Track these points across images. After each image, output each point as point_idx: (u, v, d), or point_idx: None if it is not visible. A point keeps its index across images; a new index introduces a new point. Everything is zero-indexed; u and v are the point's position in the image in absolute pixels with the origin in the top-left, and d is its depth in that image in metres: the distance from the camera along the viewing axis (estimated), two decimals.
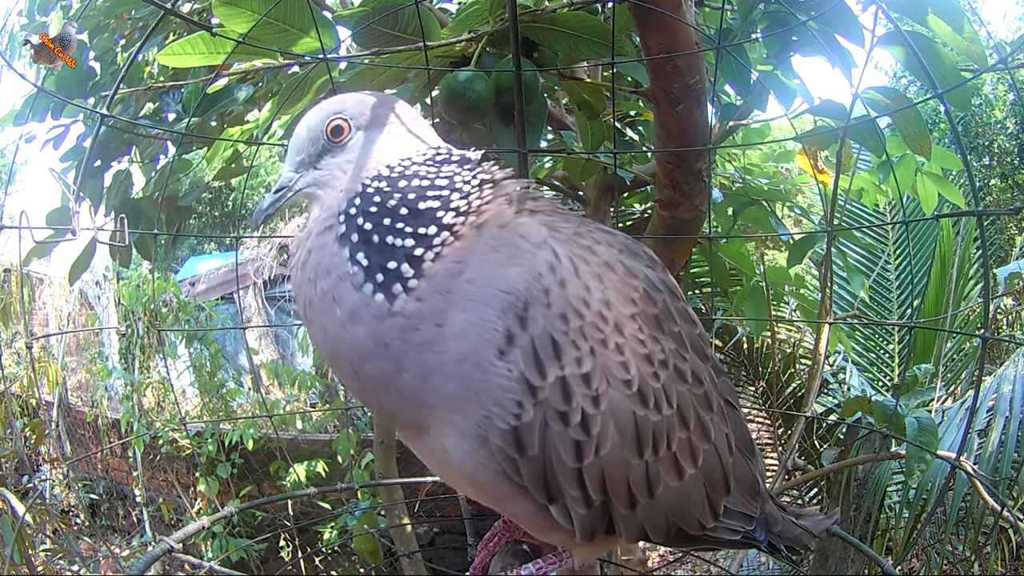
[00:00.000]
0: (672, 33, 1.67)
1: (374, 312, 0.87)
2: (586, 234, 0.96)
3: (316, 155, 0.99)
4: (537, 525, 0.97)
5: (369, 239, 0.90)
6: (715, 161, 2.63)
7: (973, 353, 4.10)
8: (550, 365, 0.85)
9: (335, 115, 0.98)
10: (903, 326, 4.17)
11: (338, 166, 0.98)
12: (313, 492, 2.05)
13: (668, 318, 0.98)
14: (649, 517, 0.95)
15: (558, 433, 0.86)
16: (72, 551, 5.41)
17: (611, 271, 0.93)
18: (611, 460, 0.89)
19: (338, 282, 0.89)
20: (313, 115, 1.00)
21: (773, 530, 1.13)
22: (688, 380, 0.97)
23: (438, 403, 0.88)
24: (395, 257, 0.88)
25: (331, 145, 0.98)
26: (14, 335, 6.24)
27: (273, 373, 6.22)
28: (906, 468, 2.13)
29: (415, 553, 3.34)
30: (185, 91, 2.06)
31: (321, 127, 0.98)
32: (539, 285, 0.86)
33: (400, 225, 0.90)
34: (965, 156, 1.31)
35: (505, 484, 0.91)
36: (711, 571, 5.10)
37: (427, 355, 0.86)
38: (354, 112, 0.99)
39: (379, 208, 0.91)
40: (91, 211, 2.42)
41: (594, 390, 0.87)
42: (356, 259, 0.89)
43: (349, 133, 0.98)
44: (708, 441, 0.99)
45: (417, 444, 0.99)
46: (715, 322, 2.94)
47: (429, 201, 0.92)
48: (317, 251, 0.92)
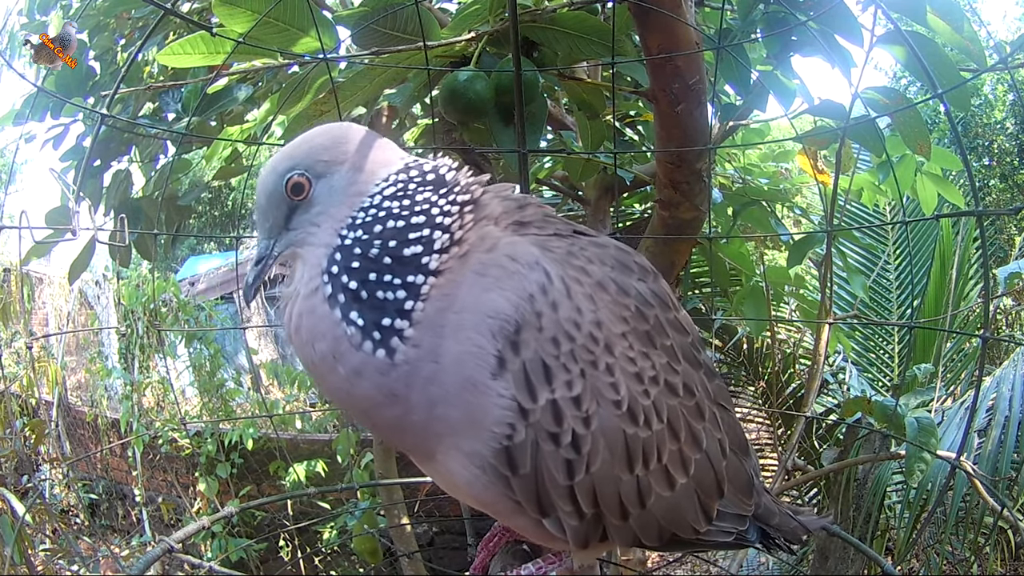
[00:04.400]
0: (672, 33, 1.67)
1: (377, 368, 0.86)
2: (579, 253, 0.95)
3: (285, 217, 0.95)
4: (537, 536, 0.99)
5: (358, 296, 0.88)
6: (715, 161, 2.63)
7: (973, 353, 4.10)
8: (541, 389, 0.86)
9: (290, 173, 0.94)
10: (903, 326, 4.18)
11: (310, 221, 0.94)
12: (313, 492, 2.05)
13: (660, 332, 0.98)
14: (642, 526, 0.96)
15: (549, 453, 0.87)
16: (72, 551, 5.41)
17: (603, 291, 0.93)
18: (602, 476, 0.90)
19: (335, 343, 0.88)
20: (268, 178, 0.95)
21: (771, 523, 1.14)
22: (679, 393, 0.98)
23: (444, 431, 0.89)
24: (387, 313, 0.87)
25: (296, 203, 0.94)
26: (14, 335, 6.24)
27: (273, 373, 6.22)
28: (906, 468, 2.13)
29: (415, 553, 3.35)
30: (185, 91, 2.06)
31: (280, 190, 0.94)
32: (531, 308, 0.86)
33: (388, 277, 0.88)
34: (965, 156, 1.31)
35: (506, 502, 0.92)
36: (711, 571, 5.10)
37: (431, 390, 0.86)
38: (307, 163, 0.94)
39: (361, 262, 0.89)
40: (91, 211, 2.42)
41: (584, 411, 0.88)
42: (350, 319, 0.87)
43: (310, 187, 0.94)
44: (700, 450, 1.00)
45: (427, 467, 1.00)
46: (715, 322, 2.94)
47: (412, 246, 0.89)
48: (308, 315, 0.90)
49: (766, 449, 4.82)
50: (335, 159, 0.95)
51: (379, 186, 0.93)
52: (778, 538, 1.16)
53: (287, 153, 0.97)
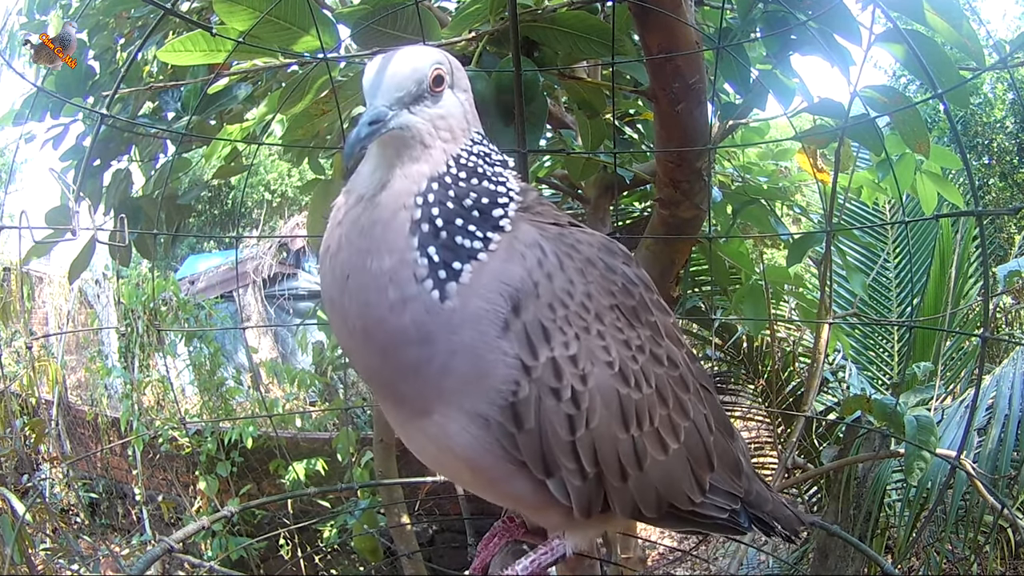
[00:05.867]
0: (672, 32, 1.67)
1: (426, 306, 0.89)
2: (569, 235, 1.02)
3: (414, 98, 0.94)
4: (535, 504, 1.03)
5: (438, 234, 0.91)
6: (715, 160, 2.63)
7: (973, 352, 4.10)
8: (541, 347, 0.93)
9: (438, 64, 0.95)
10: (902, 325, 4.18)
11: (431, 119, 0.95)
12: (313, 491, 2.05)
13: (644, 309, 1.06)
14: (640, 490, 1.01)
15: (551, 408, 0.93)
16: (72, 550, 5.41)
17: (592, 266, 1.01)
18: (601, 433, 0.96)
19: (400, 266, 0.89)
20: (418, 56, 0.95)
21: (764, 509, 1.19)
22: (664, 363, 1.05)
23: (451, 385, 0.92)
24: (459, 257, 0.91)
25: (429, 93, 0.95)
26: (14, 334, 6.23)
27: (272, 371, 6.23)
28: (906, 466, 2.13)
29: (415, 552, 3.35)
30: (184, 90, 2.06)
31: (427, 71, 0.94)
32: (530, 279, 0.93)
33: (472, 228, 0.93)
34: (964, 155, 1.31)
35: (504, 465, 0.96)
36: (711, 571, 5.10)
37: (453, 339, 0.90)
38: (449, 67, 0.97)
39: (455, 205, 0.93)
40: (91, 210, 2.42)
41: (581, 369, 0.95)
42: (427, 251, 0.90)
43: (443, 87, 0.96)
44: (687, 418, 1.07)
45: (414, 431, 1.00)
46: (715, 321, 2.94)
47: (497, 208, 0.96)
48: (385, 225, 0.90)
49: (766, 447, 4.82)
50: (462, 82, 1.01)
51: (478, 138, 1.00)
52: (775, 526, 1.20)
53: (434, 48, 1.00)
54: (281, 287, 12.07)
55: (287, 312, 11.73)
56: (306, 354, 8.32)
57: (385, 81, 0.93)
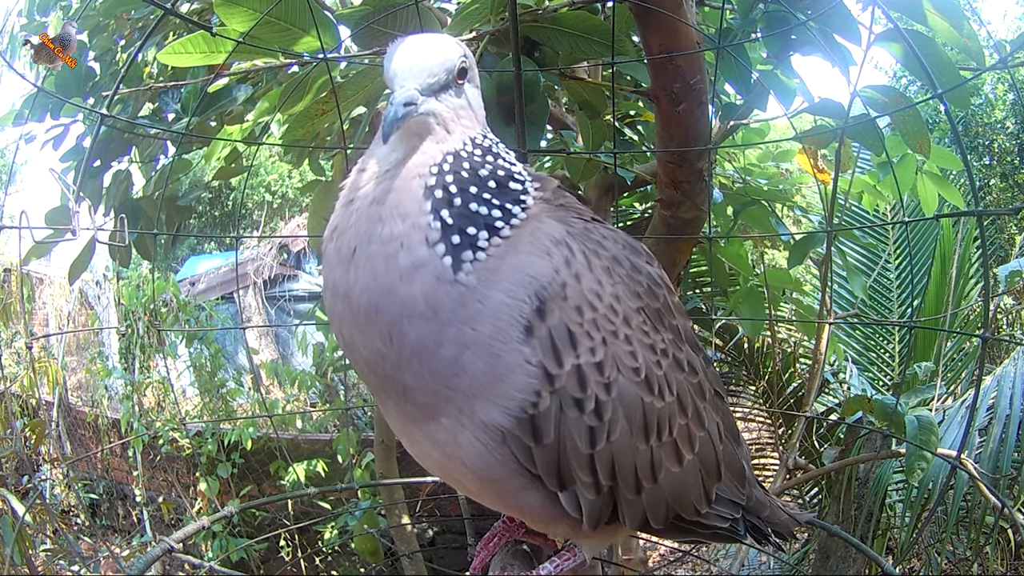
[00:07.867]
0: (673, 33, 1.67)
1: (436, 273, 0.85)
2: (595, 231, 0.99)
3: (442, 86, 0.94)
4: (543, 517, 0.99)
5: (452, 201, 0.89)
6: (715, 161, 2.63)
7: (973, 352, 4.09)
8: (567, 354, 0.88)
9: (464, 57, 0.96)
10: (903, 325, 4.17)
11: (454, 108, 0.95)
12: (313, 492, 2.05)
13: (668, 312, 1.03)
14: (652, 503, 0.98)
15: (573, 420, 0.89)
16: (72, 551, 5.41)
17: (619, 266, 0.98)
18: (621, 446, 0.92)
19: (412, 230, 0.87)
20: (449, 47, 0.95)
21: (761, 515, 1.17)
22: (685, 369, 1.02)
23: (463, 386, 0.87)
24: (475, 223, 0.88)
25: (454, 84, 0.95)
26: (14, 335, 6.23)
27: (273, 373, 6.22)
28: (907, 467, 2.13)
29: (415, 553, 3.35)
30: (184, 91, 2.06)
31: (456, 62, 0.94)
32: (557, 279, 0.89)
33: (487, 196, 0.91)
34: (965, 156, 1.31)
35: (516, 478, 0.92)
36: (711, 571, 5.10)
37: (466, 330, 0.86)
38: (470, 62, 0.98)
39: (469, 175, 0.92)
40: (91, 211, 2.42)
41: (606, 377, 0.91)
42: (439, 214, 0.87)
43: (465, 80, 0.97)
44: (703, 428, 1.04)
45: (419, 434, 0.95)
46: (715, 322, 2.93)
47: (514, 182, 0.95)
48: (398, 192, 0.89)
49: (767, 448, 4.82)
50: (475, 79, 1.02)
51: (485, 130, 1.00)
52: (768, 532, 1.19)
53: (456, 41, 0.99)
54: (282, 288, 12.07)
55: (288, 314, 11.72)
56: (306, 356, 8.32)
57: (418, 65, 0.92)
